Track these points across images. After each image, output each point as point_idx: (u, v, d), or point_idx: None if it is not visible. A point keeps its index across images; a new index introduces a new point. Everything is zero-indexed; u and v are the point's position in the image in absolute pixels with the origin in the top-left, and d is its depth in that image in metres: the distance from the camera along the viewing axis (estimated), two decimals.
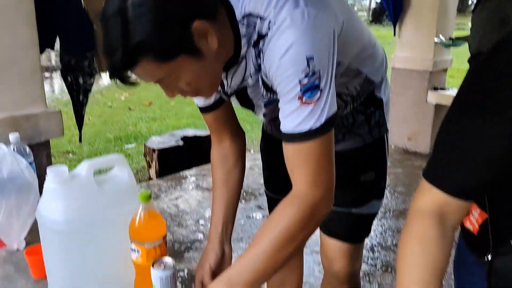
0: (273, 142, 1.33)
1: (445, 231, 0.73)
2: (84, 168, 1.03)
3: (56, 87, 8.84)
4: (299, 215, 0.83)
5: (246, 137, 1.29)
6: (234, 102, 1.05)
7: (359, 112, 1.17)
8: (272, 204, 1.50)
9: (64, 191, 0.99)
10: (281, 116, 0.85)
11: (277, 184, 1.44)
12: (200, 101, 1.13)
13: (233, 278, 0.82)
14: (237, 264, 0.84)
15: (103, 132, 5.70)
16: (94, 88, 3.46)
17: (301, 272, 1.67)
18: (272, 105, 0.97)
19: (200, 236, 2.83)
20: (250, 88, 0.96)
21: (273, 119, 1.08)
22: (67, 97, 6.80)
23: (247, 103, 1.03)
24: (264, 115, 1.04)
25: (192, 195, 3.47)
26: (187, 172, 3.96)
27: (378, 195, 1.30)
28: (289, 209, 0.85)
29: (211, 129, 1.22)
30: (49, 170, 0.98)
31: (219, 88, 1.00)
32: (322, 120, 0.81)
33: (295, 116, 0.82)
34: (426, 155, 4.22)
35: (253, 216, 3.08)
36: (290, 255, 0.84)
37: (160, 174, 3.96)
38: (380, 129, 1.23)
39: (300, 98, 0.80)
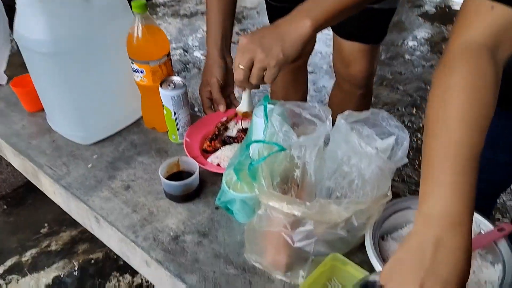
0: None
1: (498, 71, 0.58)
2: None
3: None
4: None
5: None
6: None
7: None
8: (274, 14, 1.35)
9: (43, 5, 0.82)
10: None
11: None
12: None
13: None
14: None
15: None
16: None
17: (305, 88, 1.63)
18: None
19: (187, 65, 2.71)
20: None
21: None
22: None
23: None
24: None
25: (171, 23, 3.22)
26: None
27: None
28: None
29: None
30: None
31: None
32: None
33: None
34: None
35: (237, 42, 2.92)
36: None
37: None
38: None
39: None
